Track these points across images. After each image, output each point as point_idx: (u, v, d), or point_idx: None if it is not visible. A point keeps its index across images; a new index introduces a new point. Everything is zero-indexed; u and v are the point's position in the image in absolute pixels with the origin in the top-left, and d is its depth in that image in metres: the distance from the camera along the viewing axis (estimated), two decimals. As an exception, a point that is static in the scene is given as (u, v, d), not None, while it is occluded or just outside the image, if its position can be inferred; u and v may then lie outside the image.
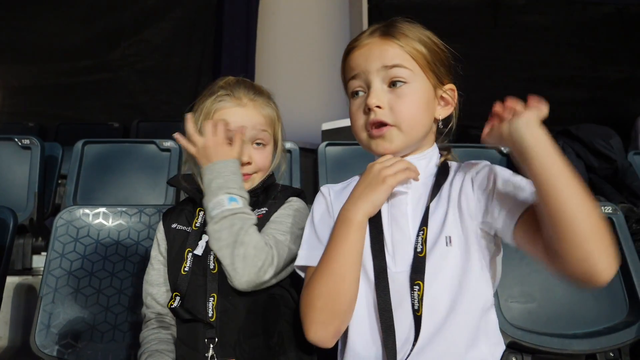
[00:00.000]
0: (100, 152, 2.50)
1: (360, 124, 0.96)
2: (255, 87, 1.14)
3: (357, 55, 0.97)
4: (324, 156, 2.31)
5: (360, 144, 0.99)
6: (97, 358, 1.26)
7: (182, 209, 1.16)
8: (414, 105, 0.94)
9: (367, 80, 0.94)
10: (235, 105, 1.09)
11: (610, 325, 1.40)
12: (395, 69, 0.93)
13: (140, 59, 4.49)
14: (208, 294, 1.02)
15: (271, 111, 1.14)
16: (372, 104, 0.92)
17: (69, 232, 1.40)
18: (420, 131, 0.95)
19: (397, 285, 0.89)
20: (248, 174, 1.10)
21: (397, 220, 0.94)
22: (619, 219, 1.50)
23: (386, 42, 0.95)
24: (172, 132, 1.25)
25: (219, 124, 1.05)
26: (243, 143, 1.07)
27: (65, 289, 1.33)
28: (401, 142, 0.94)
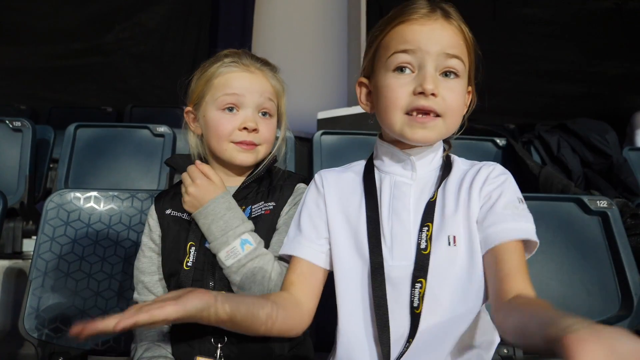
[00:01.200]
0: (93, 136, 2.47)
1: (402, 103, 0.87)
2: (262, 59, 1.10)
3: (417, 30, 0.88)
4: (319, 145, 2.29)
5: (390, 124, 0.90)
6: (86, 342, 1.25)
7: (175, 193, 1.10)
8: (461, 102, 0.91)
9: (421, 60, 0.87)
10: (242, 71, 1.05)
11: (603, 319, 1.39)
12: (454, 60, 0.88)
13: (134, 43, 4.44)
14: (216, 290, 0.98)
15: (277, 83, 1.10)
16: (430, 89, 0.85)
17: (60, 216, 1.37)
18: (454, 129, 0.93)
19: (394, 279, 0.86)
20: (254, 143, 1.04)
21: (398, 213, 0.91)
22: (614, 213, 1.49)
23: (450, 27, 0.90)
24: (166, 118, 1.22)
25: (193, 170, 1.02)
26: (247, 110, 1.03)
27: (55, 273, 1.31)
28: (439, 135, 0.91)
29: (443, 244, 0.86)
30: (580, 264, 1.46)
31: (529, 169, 2.14)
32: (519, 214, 0.86)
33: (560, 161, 2.44)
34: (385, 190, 0.95)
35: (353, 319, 0.89)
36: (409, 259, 0.87)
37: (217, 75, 1.04)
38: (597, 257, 1.46)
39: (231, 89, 1.02)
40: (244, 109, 1.03)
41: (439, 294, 0.84)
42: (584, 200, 1.51)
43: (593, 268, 1.45)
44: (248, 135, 1.03)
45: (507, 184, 0.91)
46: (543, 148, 2.50)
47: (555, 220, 1.50)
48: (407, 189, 0.93)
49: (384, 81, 0.90)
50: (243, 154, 1.04)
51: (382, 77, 0.91)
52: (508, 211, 0.86)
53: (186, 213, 1.06)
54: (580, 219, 1.51)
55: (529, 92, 4.52)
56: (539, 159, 2.48)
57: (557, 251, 1.46)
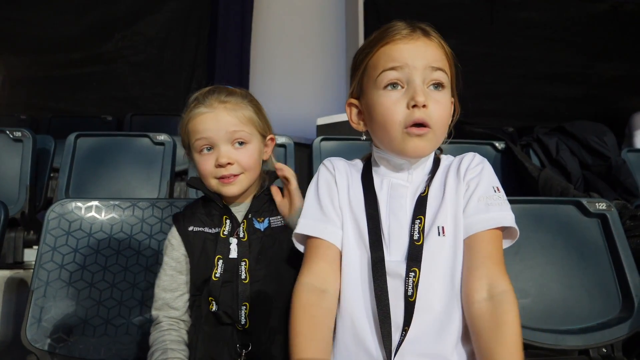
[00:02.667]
0: (93, 145, 2.48)
1: (399, 119, 0.92)
2: (228, 90, 1.13)
3: (402, 48, 0.94)
4: (319, 151, 2.30)
5: (391, 139, 0.95)
6: (89, 352, 1.25)
7: (193, 212, 1.15)
8: (447, 113, 0.97)
9: (409, 75, 0.93)
10: (205, 113, 1.09)
11: (604, 321, 1.40)
12: (439, 73, 0.94)
13: (134, 52, 4.45)
14: (240, 302, 1.05)
15: (246, 110, 1.12)
16: (421, 102, 0.90)
17: (61, 226, 1.38)
18: (443, 139, 0.99)
19: (391, 273, 0.91)
20: (234, 174, 1.09)
21: (395, 212, 0.96)
22: (613, 215, 1.50)
23: (432, 43, 0.96)
24: (166, 126, 1.25)
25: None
26: (219, 147, 1.08)
27: (57, 283, 1.32)
28: (433, 146, 0.96)
29: (434, 235, 0.92)
30: (580, 266, 1.46)
31: (528, 172, 2.14)
32: (491, 204, 0.94)
33: (559, 164, 2.44)
34: (384, 191, 1.00)
35: (355, 311, 0.92)
36: (404, 253, 0.92)
37: (188, 121, 1.11)
38: (597, 259, 1.47)
39: (199, 133, 1.09)
40: (216, 147, 1.09)
41: (432, 281, 0.90)
42: (583, 203, 1.51)
43: (593, 270, 1.46)
44: (225, 170, 1.08)
45: (484, 173, 0.98)
46: (542, 151, 2.50)
47: (555, 223, 1.50)
48: (403, 190, 0.99)
49: (376, 99, 0.95)
50: (226, 187, 1.10)
51: (374, 96, 0.96)
52: (481, 203, 0.94)
53: (207, 227, 1.11)
54: (579, 222, 1.51)
55: (527, 95, 4.53)
56: (538, 162, 2.48)
57: (557, 254, 1.46)
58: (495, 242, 0.93)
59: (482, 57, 4.32)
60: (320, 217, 0.99)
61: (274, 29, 4.13)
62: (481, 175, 0.97)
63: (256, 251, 1.08)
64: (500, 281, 0.89)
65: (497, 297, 0.87)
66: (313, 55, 4.03)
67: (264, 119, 1.16)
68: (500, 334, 0.85)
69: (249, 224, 1.11)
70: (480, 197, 0.95)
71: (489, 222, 0.93)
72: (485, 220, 0.93)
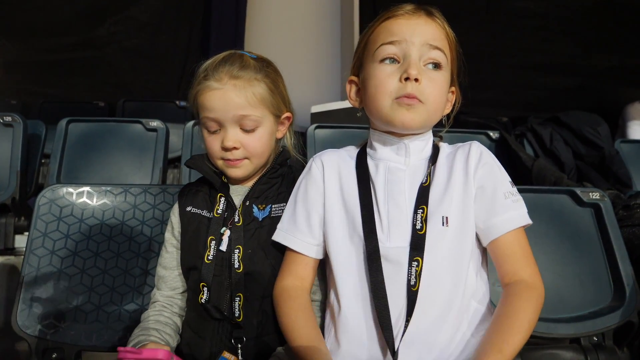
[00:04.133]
0: (85, 131, 2.44)
1: (390, 89, 0.93)
2: (242, 62, 1.03)
3: (403, 23, 0.95)
4: (313, 139, 2.29)
5: (378, 110, 0.95)
6: (80, 339, 1.24)
7: (197, 190, 1.12)
8: (442, 92, 0.96)
9: (406, 50, 0.93)
10: (213, 89, 1.01)
11: (595, 310, 1.41)
12: (437, 52, 0.94)
13: (126, 37, 4.39)
14: (234, 293, 1.00)
15: (259, 88, 1.02)
16: (414, 74, 0.90)
17: (52, 211, 1.36)
18: (436, 118, 0.98)
19: (391, 261, 0.90)
20: (237, 159, 1.04)
21: (394, 197, 0.96)
22: (606, 205, 1.50)
23: (433, 22, 0.96)
24: (159, 112, 1.21)
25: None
26: (226, 129, 1.03)
27: (48, 269, 1.30)
28: (423, 120, 0.94)
29: (437, 225, 0.92)
30: (573, 256, 1.47)
31: (522, 162, 2.14)
32: (516, 200, 0.95)
33: (553, 154, 2.45)
34: (380, 175, 0.99)
35: (353, 302, 0.92)
36: (405, 239, 0.91)
37: (197, 94, 1.04)
38: (589, 249, 1.48)
39: (207, 111, 1.02)
40: (223, 128, 1.03)
41: (435, 270, 0.89)
42: (576, 192, 1.52)
43: (586, 259, 1.47)
44: (230, 154, 1.04)
45: (497, 169, 0.98)
46: (536, 141, 2.51)
47: (548, 212, 1.51)
48: (401, 174, 0.98)
49: (372, 71, 0.96)
50: (231, 169, 1.06)
51: (370, 69, 0.97)
52: (509, 201, 0.94)
53: (205, 210, 1.08)
54: (573, 211, 1.52)
55: (521, 85, 4.52)
56: (532, 152, 2.49)
57: (550, 243, 1.47)
58: (524, 237, 0.95)
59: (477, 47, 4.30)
60: (290, 227, 1.01)
61: (269, 16, 4.09)
62: (495, 172, 0.97)
63: (251, 240, 1.03)
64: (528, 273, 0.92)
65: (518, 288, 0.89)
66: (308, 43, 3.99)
67: (280, 95, 1.07)
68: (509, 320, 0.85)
69: (246, 210, 1.06)
70: (505, 194, 0.94)
71: (520, 220, 0.94)
72: (516, 219, 0.94)
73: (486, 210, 0.94)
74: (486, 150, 1.01)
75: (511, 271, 0.92)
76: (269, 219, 1.05)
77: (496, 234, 0.93)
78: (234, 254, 1.01)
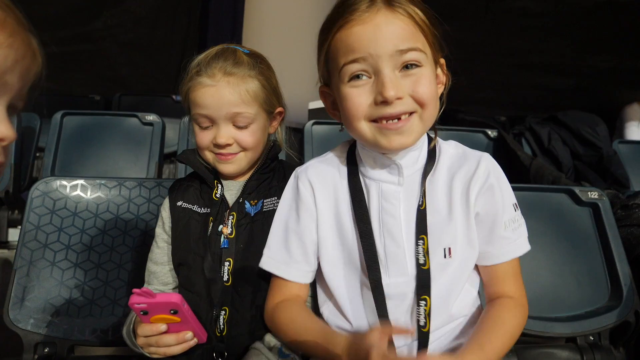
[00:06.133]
0: (80, 124, 2.42)
1: (365, 113, 0.81)
2: (235, 58, 1.01)
3: (360, 33, 0.79)
4: (310, 135, 2.27)
5: (360, 135, 0.84)
6: (73, 333, 1.22)
7: (188, 185, 1.10)
8: (432, 88, 0.83)
9: (375, 65, 0.79)
10: (206, 85, 0.99)
11: (592, 309, 1.40)
12: (410, 53, 0.80)
13: (123, 31, 4.35)
14: (219, 306, 0.98)
15: (252, 84, 1.01)
16: (392, 96, 0.78)
17: (45, 204, 1.34)
18: (434, 118, 0.85)
19: (392, 297, 0.85)
20: (232, 153, 1.02)
21: (389, 229, 0.87)
22: (605, 204, 1.50)
23: (395, 17, 0.80)
24: (155, 106, 1.18)
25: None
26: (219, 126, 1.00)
27: (41, 262, 1.28)
28: (419, 134, 0.84)
29: (439, 257, 0.85)
30: (570, 255, 1.46)
31: (520, 161, 2.14)
32: (517, 229, 0.89)
33: (551, 153, 2.45)
34: (374, 200, 0.89)
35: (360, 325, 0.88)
36: (406, 274, 0.85)
37: (189, 89, 1.02)
38: (587, 248, 1.47)
39: (199, 108, 1.00)
40: (215, 124, 1.01)
41: (442, 305, 0.85)
42: (575, 192, 1.51)
43: (583, 258, 1.46)
44: (223, 149, 1.02)
45: (500, 193, 0.89)
46: (534, 140, 2.50)
47: (547, 211, 1.50)
48: (395, 198, 0.88)
49: (342, 93, 0.84)
50: (222, 164, 1.04)
51: (339, 89, 0.85)
52: (508, 232, 0.88)
53: (196, 205, 1.06)
54: (571, 210, 1.51)
55: (519, 85, 4.52)
56: (530, 151, 2.49)
57: (547, 241, 1.46)
58: (516, 261, 0.91)
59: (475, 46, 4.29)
60: (283, 257, 0.93)
61: (267, 10, 4.06)
62: (498, 196, 0.88)
63: (243, 235, 1.02)
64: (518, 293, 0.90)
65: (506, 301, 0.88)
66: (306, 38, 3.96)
67: (273, 91, 1.06)
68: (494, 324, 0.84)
69: (240, 208, 1.04)
70: (506, 224, 0.88)
71: (517, 251, 0.89)
72: (515, 251, 0.89)
73: (484, 238, 0.88)
74: (494, 167, 0.91)
75: (500, 292, 0.89)
76: (261, 213, 1.04)
77: (490, 263, 0.89)
78: (224, 266, 1.00)
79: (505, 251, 0.88)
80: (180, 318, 0.82)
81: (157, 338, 0.87)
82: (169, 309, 0.82)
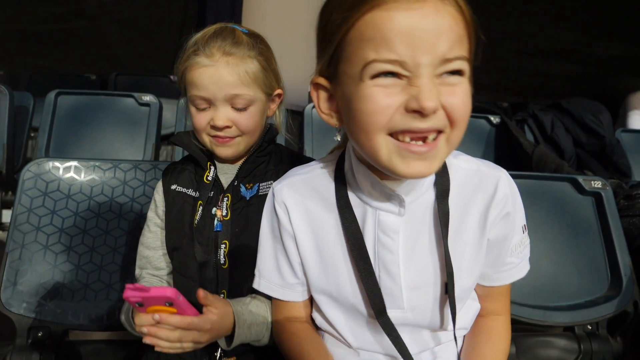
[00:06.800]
0: (75, 104, 2.38)
1: (387, 123, 0.64)
2: (234, 37, 0.97)
3: (402, 24, 0.61)
4: (310, 118, 2.24)
5: (372, 151, 0.67)
6: (66, 317, 1.21)
7: (183, 168, 1.07)
8: (469, 104, 0.67)
9: (414, 69, 0.62)
10: (204, 65, 0.94)
11: (591, 299, 1.39)
12: (456, 62, 0.64)
13: (119, 8, 4.27)
14: (219, 289, 0.98)
15: (252, 65, 0.97)
16: (431, 108, 0.61)
17: (37, 186, 1.31)
18: (459, 141, 0.70)
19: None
20: (229, 137, 0.99)
21: (385, 264, 0.78)
22: (608, 194, 1.48)
23: (446, 10, 0.62)
24: (152, 86, 1.13)
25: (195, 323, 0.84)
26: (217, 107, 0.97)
27: (33, 246, 1.26)
28: (441, 161, 0.69)
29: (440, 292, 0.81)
30: (572, 244, 1.45)
31: (522, 148, 2.11)
32: (522, 252, 0.85)
33: (553, 140, 2.42)
34: (369, 228, 0.78)
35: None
36: (402, 308, 0.79)
37: (186, 69, 0.98)
38: (589, 237, 1.46)
39: (197, 89, 0.96)
40: (213, 106, 0.98)
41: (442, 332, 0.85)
42: (578, 180, 1.49)
43: (584, 248, 1.45)
44: (221, 132, 0.98)
45: (513, 218, 0.81)
46: (537, 127, 2.47)
47: (549, 200, 1.48)
48: (394, 231, 0.77)
49: (359, 92, 0.65)
50: (219, 147, 1.01)
51: (354, 87, 0.66)
52: (514, 257, 0.84)
53: (191, 189, 1.03)
54: (573, 199, 1.49)
55: (522, 71, 4.47)
56: (532, 138, 2.46)
57: (549, 230, 1.45)
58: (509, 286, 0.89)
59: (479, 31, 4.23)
60: (275, 279, 0.88)
61: (267, -9, 3.98)
62: (511, 221, 0.80)
63: (238, 219, 0.99)
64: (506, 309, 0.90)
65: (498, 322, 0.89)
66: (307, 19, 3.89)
67: (272, 73, 1.02)
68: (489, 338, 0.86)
69: (235, 191, 1.01)
70: (513, 250, 0.83)
71: (517, 276, 0.86)
72: (515, 276, 0.86)
73: (488, 262, 0.84)
74: (512, 190, 0.81)
75: (491, 309, 0.89)
76: (257, 197, 1.01)
77: (489, 284, 0.86)
78: (220, 249, 0.98)
79: (507, 275, 0.85)
80: (177, 310, 0.81)
81: (155, 329, 0.85)
82: (164, 302, 0.80)
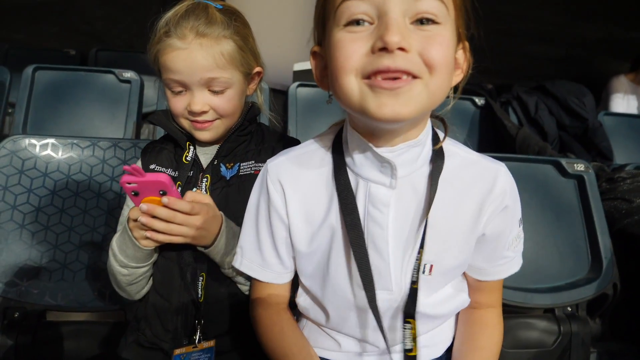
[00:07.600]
0: (53, 80, 2.30)
1: (356, 64, 0.63)
2: (208, 16, 0.92)
3: None
4: (295, 98, 2.20)
5: (345, 95, 0.65)
6: (44, 298, 1.19)
7: (162, 148, 1.04)
8: (448, 53, 0.65)
9: (381, 7, 0.62)
10: (177, 48, 0.89)
11: (572, 281, 1.41)
12: (427, 2, 0.63)
13: (98, -18, 4.15)
14: (198, 271, 0.95)
15: (227, 45, 0.92)
16: (395, 43, 0.59)
17: (13, 164, 1.27)
18: (442, 95, 0.67)
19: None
20: (208, 120, 0.95)
21: (374, 240, 0.75)
22: (590, 177, 1.49)
23: None
24: (133, 63, 1.09)
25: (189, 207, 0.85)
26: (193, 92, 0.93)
27: (9, 225, 1.23)
28: (420, 106, 0.64)
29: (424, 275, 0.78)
30: (553, 226, 1.46)
31: (506, 130, 2.11)
32: (517, 246, 0.85)
33: (537, 122, 2.43)
34: (360, 202, 0.75)
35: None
36: (390, 289, 0.76)
37: (158, 52, 0.93)
38: (570, 220, 1.47)
39: (170, 73, 0.92)
40: (189, 90, 0.94)
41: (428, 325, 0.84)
42: (561, 163, 1.50)
43: (566, 230, 1.46)
44: (198, 116, 0.95)
45: (512, 213, 0.80)
46: (521, 109, 2.47)
47: (532, 182, 1.49)
48: (384, 205, 0.74)
49: (334, 39, 0.65)
50: (199, 132, 0.98)
51: (331, 36, 0.66)
52: (510, 251, 0.83)
53: (170, 169, 1.00)
54: (556, 182, 1.50)
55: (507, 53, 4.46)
56: (516, 120, 2.46)
57: (531, 213, 1.45)
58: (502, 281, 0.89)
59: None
60: (256, 258, 0.86)
61: (252, -34, 3.88)
62: (509, 216, 0.79)
63: (218, 200, 0.95)
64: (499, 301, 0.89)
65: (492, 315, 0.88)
66: None
67: (250, 51, 0.98)
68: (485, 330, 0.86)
69: (215, 171, 0.99)
70: (510, 245, 0.82)
71: (513, 270, 0.85)
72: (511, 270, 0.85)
73: (483, 256, 0.82)
74: (511, 185, 0.79)
75: (484, 301, 0.88)
76: (237, 177, 0.99)
77: (484, 279, 0.85)
78: None
79: (502, 269, 0.85)
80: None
81: (148, 219, 0.84)
82: (158, 190, 0.81)
